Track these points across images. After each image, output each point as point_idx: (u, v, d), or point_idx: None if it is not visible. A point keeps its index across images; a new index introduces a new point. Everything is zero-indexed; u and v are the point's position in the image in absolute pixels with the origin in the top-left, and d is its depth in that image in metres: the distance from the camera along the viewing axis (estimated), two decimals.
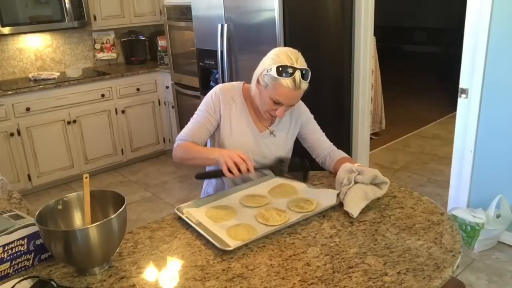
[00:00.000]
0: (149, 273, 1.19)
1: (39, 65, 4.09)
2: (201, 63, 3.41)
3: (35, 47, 4.04)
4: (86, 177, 1.21)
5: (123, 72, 4.07)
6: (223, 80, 3.13)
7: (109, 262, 1.23)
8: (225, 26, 3.00)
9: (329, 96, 3.01)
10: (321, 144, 1.83)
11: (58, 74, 3.93)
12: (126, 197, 1.22)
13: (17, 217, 1.29)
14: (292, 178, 1.66)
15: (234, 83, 1.78)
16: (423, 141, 4.55)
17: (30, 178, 3.68)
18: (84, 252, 1.12)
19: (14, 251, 1.19)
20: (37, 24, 3.71)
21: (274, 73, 1.50)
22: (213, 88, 1.76)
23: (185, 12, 3.74)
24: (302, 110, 1.81)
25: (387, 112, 4.70)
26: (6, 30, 3.58)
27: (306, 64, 1.55)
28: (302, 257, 1.22)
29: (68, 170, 3.87)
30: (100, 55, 4.40)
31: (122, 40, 4.48)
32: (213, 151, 1.58)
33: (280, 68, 1.49)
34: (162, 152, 4.49)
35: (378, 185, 1.53)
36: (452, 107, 3.42)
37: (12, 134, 3.50)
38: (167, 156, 4.46)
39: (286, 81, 1.50)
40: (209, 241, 1.29)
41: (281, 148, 1.76)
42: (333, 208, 1.48)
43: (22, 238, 1.20)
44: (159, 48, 4.33)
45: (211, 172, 1.69)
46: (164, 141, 4.45)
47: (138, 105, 4.18)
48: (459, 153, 2.78)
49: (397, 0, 8.53)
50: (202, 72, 3.45)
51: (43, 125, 3.65)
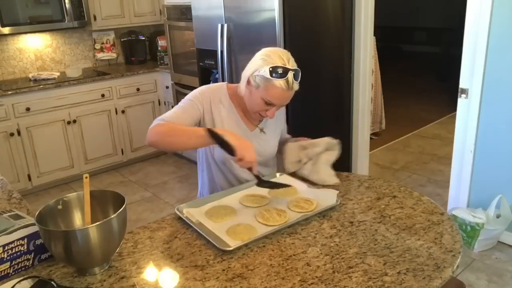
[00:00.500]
0: (149, 273, 1.19)
1: (39, 65, 4.09)
2: (201, 63, 3.41)
3: (35, 47, 4.05)
4: (86, 177, 1.21)
5: (123, 72, 4.07)
6: (223, 80, 3.13)
7: (109, 262, 1.23)
8: (225, 26, 3.00)
9: (329, 96, 3.01)
10: (284, 134, 1.89)
11: (58, 74, 3.94)
12: (126, 197, 1.22)
13: (17, 217, 1.29)
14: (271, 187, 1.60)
15: (217, 84, 1.72)
16: (423, 141, 4.55)
17: (30, 178, 3.68)
18: (84, 252, 1.12)
19: (14, 251, 1.19)
20: (37, 24, 3.71)
21: (266, 74, 1.47)
22: (213, 85, 1.71)
23: (185, 12, 3.74)
24: None
25: (387, 112, 4.70)
26: (6, 30, 3.58)
27: (296, 64, 1.54)
28: (302, 257, 1.22)
29: (68, 170, 3.87)
30: (100, 55, 4.40)
31: (122, 40, 4.48)
32: (201, 129, 1.47)
33: (273, 69, 1.46)
34: (162, 152, 4.49)
35: (332, 148, 1.67)
36: (452, 107, 3.42)
37: (12, 134, 3.50)
38: (167, 156, 4.46)
39: (279, 82, 1.47)
40: (209, 241, 1.30)
41: (271, 144, 1.76)
42: (333, 208, 1.48)
43: (22, 238, 1.20)
44: (159, 48, 4.33)
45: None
46: None
47: (138, 105, 4.19)
48: (459, 153, 2.78)
49: (397, 0, 8.53)
50: (202, 72, 3.45)
51: (43, 125, 3.65)
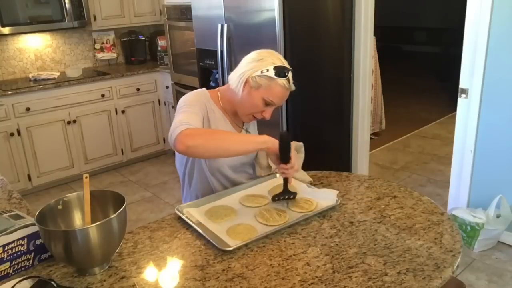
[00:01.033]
0: (149, 273, 1.19)
1: (39, 65, 4.09)
2: (201, 63, 3.41)
3: (35, 47, 4.05)
4: (86, 177, 1.22)
5: (123, 72, 4.07)
6: (223, 80, 3.13)
7: (109, 262, 1.23)
8: (225, 26, 3.00)
9: (329, 96, 3.01)
10: None
11: (58, 74, 3.94)
12: (126, 197, 1.22)
13: (17, 217, 1.29)
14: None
15: (198, 91, 1.67)
16: (423, 141, 4.55)
17: (30, 178, 3.68)
18: (84, 252, 1.12)
19: (14, 251, 1.19)
20: (37, 24, 3.71)
21: (271, 73, 1.49)
22: (195, 91, 1.66)
23: (185, 12, 3.74)
24: None
25: (387, 112, 4.70)
26: (6, 30, 3.58)
27: None
28: (302, 257, 1.22)
29: (68, 170, 3.87)
30: (100, 55, 4.40)
31: (122, 40, 4.48)
32: (260, 136, 1.49)
33: (277, 69, 1.49)
34: (162, 152, 4.49)
35: (298, 151, 1.67)
36: (452, 107, 3.42)
37: (12, 134, 3.50)
38: (167, 156, 4.46)
39: (283, 81, 1.51)
40: (209, 241, 1.30)
41: None
42: (333, 208, 1.48)
43: (22, 238, 1.20)
44: (159, 48, 4.33)
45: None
46: (164, 141, 4.45)
47: (138, 105, 4.19)
48: (459, 153, 2.78)
49: (397, 0, 8.53)
50: (202, 72, 3.45)
51: (43, 125, 3.65)
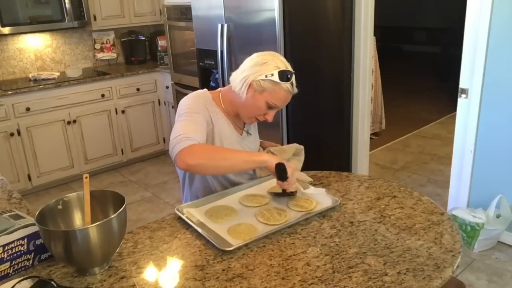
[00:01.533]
0: (149, 273, 1.19)
1: (39, 65, 4.09)
2: (201, 63, 3.41)
3: (35, 47, 4.05)
4: (86, 177, 1.22)
5: (123, 72, 4.07)
6: (223, 80, 3.13)
7: (109, 262, 1.23)
8: (225, 26, 3.00)
9: (329, 96, 3.01)
10: None
11: (58, 74, 3.93)
12: (126, 197, 1.22)
13: (17, 217, 1.29)
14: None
15: (199, 92, 1.65)
16: (423, 141, 4.55)
17: (30, 178, 3.68)
18: (84, 252, 1.12)
19: (14, 251, 1.19)
20: (37, 24, 3.71)
21: (276, 78, 1.50)
22: (195, 93, 1.63)
23: (185, 12, 3.74)
24: None
25: (387, 112, 4.70)
26: (6, 30, 3.58)
27: None
28: (302, 257, 1.22)
29: (68, 170, 3.87)
30: (100, 55, 4.40)
31: (122, 40, 4.48)
32: (260, 154, 1.53)
33: (282, 73, 1.50)
34: (162, 152, 4.49)
35: (299, 154, 1.70)
36: (452, 107, 3.43)
37: (12, 134, 3.50)
38: (167, 156, 4.46)
39: (287, 85, 1.52)
40: (209, 241, 1.30)
41: (257, 143, 1.81)
42: (333, 208, 1.48)
43: (22, 238, 1.20)
44: (159, 48, 4.33)
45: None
46: (164, 141, 4.45)
47: (138, 105, 4.19)
48: (459, 153, 2.78)
49: (397, 0, 8.53)
50: (202, 72, 3.44)
51: (43, 125, 3.65)
